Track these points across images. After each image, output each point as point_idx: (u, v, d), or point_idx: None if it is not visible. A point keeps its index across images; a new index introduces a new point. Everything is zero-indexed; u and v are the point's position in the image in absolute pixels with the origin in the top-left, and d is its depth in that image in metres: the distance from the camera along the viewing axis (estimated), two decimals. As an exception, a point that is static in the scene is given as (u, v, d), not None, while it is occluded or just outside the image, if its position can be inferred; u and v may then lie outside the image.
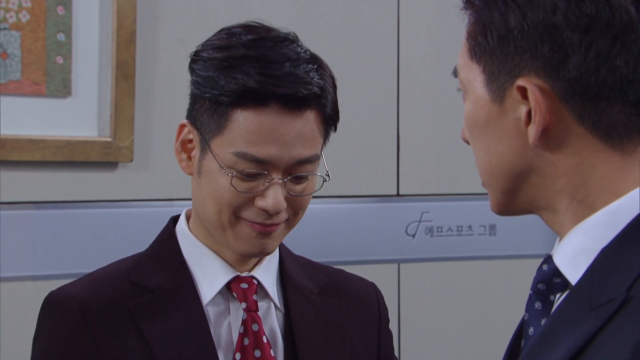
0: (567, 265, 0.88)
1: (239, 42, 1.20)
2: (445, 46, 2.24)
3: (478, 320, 2.30)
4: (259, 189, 1.18)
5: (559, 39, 0.85)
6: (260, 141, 1.16)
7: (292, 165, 1.18)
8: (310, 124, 1.19)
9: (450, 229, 2.26)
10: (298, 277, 1.30)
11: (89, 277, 1.26)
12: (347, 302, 1.31)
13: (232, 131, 1.17)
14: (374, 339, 1.32)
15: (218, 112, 1.18)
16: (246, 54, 1.18)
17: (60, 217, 1.91)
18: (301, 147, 1.18)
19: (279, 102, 1.17)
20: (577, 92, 0.86)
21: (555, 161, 0.88)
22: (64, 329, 1.19)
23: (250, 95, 1.16)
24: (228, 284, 1.23)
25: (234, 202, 1.18)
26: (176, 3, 2.01)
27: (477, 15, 0.89)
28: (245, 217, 1.19)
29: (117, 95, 1.92)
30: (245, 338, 1.21)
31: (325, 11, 2.16)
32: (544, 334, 0.86)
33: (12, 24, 1.86)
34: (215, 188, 1.18)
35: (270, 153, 1.16)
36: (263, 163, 1.17)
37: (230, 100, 1.17)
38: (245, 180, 1.18)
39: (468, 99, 0.93)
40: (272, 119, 1.17)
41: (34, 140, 1.87)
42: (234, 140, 1.17)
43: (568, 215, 0.89)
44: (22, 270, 1.88)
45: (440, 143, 2.25)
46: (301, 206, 1.22)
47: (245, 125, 1.17)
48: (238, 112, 1.17)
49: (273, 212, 1.17)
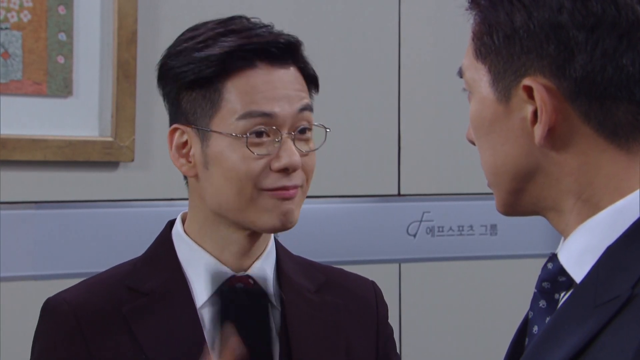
0: (572, 264, 0.89)
1: (208, 27, 1.23)
2: (447, 46, 2.24)
3: (479, 320, 2.30)
4: (272, 151, 1.19)
5: (565, 38, 0.85)
6: (260, 98, 1.19)
7: (296, 117, 1.21)
8: (297, 78, 1.23)
9: (452, 229, 2.26)
10: (295, 275, 1.29)
11: (86, 282, 1.26)
12: (344, 301, 1.31)
13: (229, 102, 1.19)
14: (373, 337, 1.32)
15: (209, 92, 1.20)
16: (219, 31, 1.21)
17: (61, 217, 1.91)
18: (297, 97, 1.21)
19: (265, 60, 1.20)
20: (583, 92, 0.86)
21: (561, 161, 0.88)
22: (58, 334, 1.20)
23: (236, 57, 1.19)
24: (223, 285, 1.22)
25: (253, 172, 1.18)
26: (177, 3, 2.01)
27: (483, 15, 0.89)
28: (266, 186, 1.19)
29: (118, 95, 1.92)
30: None
31: (326, 11, 2.16)
32: (548, 331, 0.86)
33: (14, 24, 1.85)
34: (230, 166, 1.19)
35: (274, 108, 1.19)
36: (270, 117, 1.19)
37: (217, 70, 1.19)
38: (259, 143, 1.19)
39: (474, 99, 0.93)
40: (263, 76, 1.20)
41: (35, 140, 1.87)
42: (235, 109, 1.19)
43: (573, 215, 0.89)
44: (23, 270, 1.88)
45: (441, 143, 2.25)
46: (310, 167, 1.23)
47: (241, 91, 1.19)
48: (229, 83, 1.19)
49: (292, 167, 1.19)
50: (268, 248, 1.27)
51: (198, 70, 1.19)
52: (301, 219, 1.21)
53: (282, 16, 2.13)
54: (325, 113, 2.17)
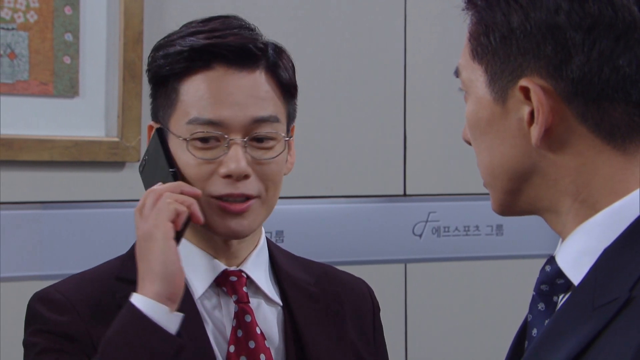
0: (570, 266, 0.89)
1: (189, 25, 1.22)
2: (452, 46, 2.24)
3: (485, 320, 2.30)
4: (219, 156, 1.17)
5: (562, 39, 0.85)
6: (211, 103, 1.16)
7: (249, 126, 1.17)
8: (262, 85, 1.18)
9: (457, 229, 2.26)
10: (292, 270, 1.29)
11: (73, 276, 1.27)
12: (343, 291, 1.31)
13: (183, 102, 1.18)
14: (370, 328, 1.32)
15: (168, 91, 1.19)
16: (191, 30, 1.20)
17: (67, 216, 1.92)
18: (254, 106, 1.17)
19: (223, 62, 1.17)
20: (580, 93, 0.86)
21: (558, 161, 0.88)
22: (58, 317, 1.19)
23: (192, 58, 1.17)
24: (217, 280, 1.23)
25: (199, 175, 1.17)
26: (183, 3, 2.01)
27: (480, 15, 0.89)
28: (213, 193, 1.17)
29: (124, 95, 1.92)
30: (239, 330, 1.21)
31: (332, 11, 2.16)
32: (546, 334, 0.86)
33: (20, 24, 1.86)
34: (183, 169, 1.18)
35: (223, 114, 1.16)
36: (217, 125, 1.16)
37: (173, 69, 1.18)
38: (204, 148, 1.17)
39: (470, 99, 0.93)
40: (219, 80, 1.17)
41: (41, 140, 1.87)
42: (187, 111, 1.18)
43: (570, 216, 0.89)
44: (29, 269, 1.89)
45: (446, 143, 2.25)
46: (270, 177, 1.19)
47: (194, 92, 1.17)
48: (186, 82, 1.18)
49: (236, 173, 1.16)
50: (259, 245, 1.27)
51: (157, 68, 1.20)
52: (306, 219, 1.21)
53: (287, 16, 2.13)
54: (331, 113, 2.18)
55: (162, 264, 1.11)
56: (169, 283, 1.11)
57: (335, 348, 1.26)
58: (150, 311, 1.09)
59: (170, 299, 1.11)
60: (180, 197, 1.15)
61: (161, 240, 1.12)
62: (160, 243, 1.12)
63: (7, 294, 1.87)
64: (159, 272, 1.11)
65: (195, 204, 1.15)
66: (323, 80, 2.15)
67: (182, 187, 1.16)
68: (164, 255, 1.11)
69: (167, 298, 1.10)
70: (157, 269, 1.11)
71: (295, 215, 2.09)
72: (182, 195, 1.15)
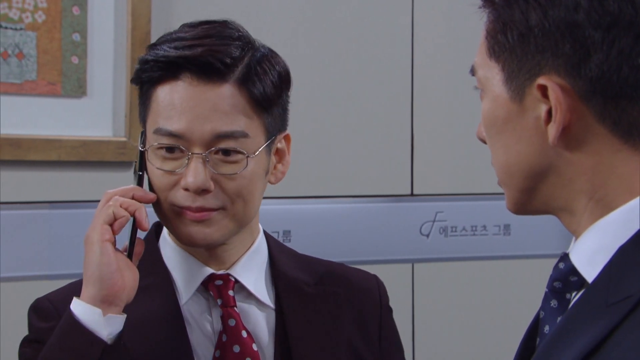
0: (584, 264, 0.88)
1: (178, 29, 1.21)
2: (460, 45, 2.24)
3: (492, 320, 2.30)
4: (181, 169, 1.16)
5: (581, 37, 0.85)
6: (173, 114, 1.16)
7: (211, 140, 1.15)
8: (227, 98, 1.16)
9: (465, 229, 2.26)
10: (290, 270, 1.28)
11: (69, 285, 1.27)
12: (344, 291, 1.30)
13: (153, 110, 1.18)
14: (375, 328, 1.31)
15: (145, 94, 1.20)
16: (174, 36, 1.19)
17: (75, 216, 1.92)
18: (218, 120, 1.15)
19: (190, 74, 1.15)
20: (599, 91, 0.85)
21: (575, 160, 0.88)
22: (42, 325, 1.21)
23: (163, 67, 1.16)
24: (205, 284, 1.23)
25: (162, 185, 1.17)
26: (191, 3, 2.02)
27: (497, 13, 0.89)
28: (175, 202, 1.17)
29: (132, 95, 1.92)
30: (224, 334, 1.20)
31: (340, 11, 2.16)
32: (559, 331, 0.86)
33: (28, 25, 1.86)
34: (150, 175, 1.19)
35: (183, 126, 1.15)
36: (178, 137, 1.15)
37: (145, 77, 1.18)
38: (167, 158, 1.17)
39: (486, 98, 0.93)
40: (184, 91, 1.15)
41: (49, 140, 1.87)
42: (155, 119, 1.18)
43: (585, 215, 0.89)
44: (37, 269, 1.89)
45: (454, 143, 2.25)
46: (236, 191, 1.17)
47: (161, 101, 1.17)
48: (157, 90, 1.18)
49: (193, 187, 1.15)
50: (253, 247, 1.26)
51: (136, 73, 1.20)
52: (313, 219, 1.21)
53: (294, 16, 2.13)
54: (338, 113, 2.18)
55: (96, 267, 1.12)
56: (102, 286, 1.11)
57: (326, 351, 1.25)
58: (82, 314, 1.11)
59: (106, 301, 1.11)
60: (126, 202, 1.15)
61: (95, 243, 1.12)
62: (94, 246, 1.12)
63: (14, 294, 1.87)
64: (92, 275, 1.12)
65: (141, 209, 1.15)
66: (330, 80, 2.14)
67: (134, 191, 1.17)
68: (97, 258, 1.12)
69: (101, 301, 1.11)
70: (91, 272, 1.12)
71: (302, 215, 2.09)
72: (128, 200, 1.15)
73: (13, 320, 1.86)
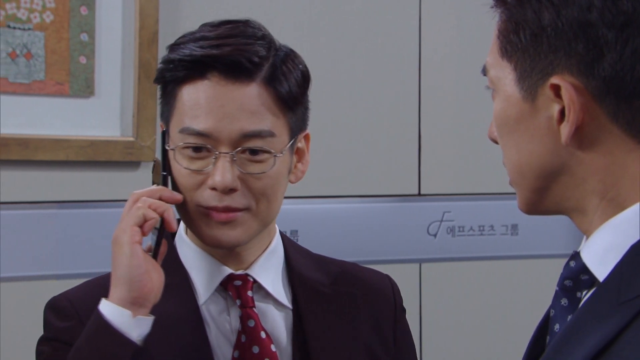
0: (595, 262, 0.88)
1: (202, 28, 1.21)
2: (467, 45, 2.24)
3: (499, 320, 2.30)
4: (208, 168, 1.16)
5: (594, 36, 0.85)
6: (200, 114, 1.15)
7: (238, 139, 1.15)
8: (255, 98, 1.16)
9: (472, 229, 2.26)
10: (307, 271, 1.28)
11: (86, 282, 1.27)
12: (360, 292, 1.30)
13: (179, 109, 1.18)
14: (390, 328, 1.31)
15: (169, 94, 1.19)
16: (198, 35, 1.19)
17: (83, 216, 1.92)
18: (245, 119, 1.15)
19: (217, 73, 1.15)
20: (612, 91, 0.85)
21: (587, 160, 0.88)
22: (60, 324, 1.20)
23: (190, 66, 1.16)
24: (224, 284, 1.22)
25: (188, 185, 1.17)
26: (198, 3, 2.02)
27: (509, 12, 0.89)
28: (201, 203, 1.17)
29: (139, 95, 1.93)
30: (243, 335, 1.20)
31: (347, 10, 2.16)
32: (570, 329, 0.86)
33: (36, 25, 1.87)
34: (176, 177, 1.18)
35: (211, 125, 1.15)
36: (205, 136, 1.15)
37: (171, 76, 1.17)
38: (195, 157, 1.17)
39: (498, 97, 0.92)
40: (211, 91, 1.15)
41: (57, 140, 1.88)
42: (181, 118, 1.17)
43: (597, 215, 0.89)
44: (45, 269, 1.89)
45: (461, 142, 2.25)
46: (261, 190, 1.17)
47: (188, 100, 1.16)
48: (183, 89, 1.17)
49: (221, 187, 1.15)
50: (270, 247, 1.26)
51: (160, 72, 1.20)
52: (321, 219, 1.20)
53: (302, 16, 2.13)
54: (345, 113, 2.18)
55: (126, 269, 1.11)
56: (132, 287, 1.11)
57: (344, 351, 1.25)
58: (111, 316, 1.11)
59: (135, 303, 1.11)
60: (155, 203, 1.14)
61: (126, 245, 1.12)
62: (124, 248, 1.12)
63: (23, 294, 1.87)
64: (122, 277, 1.12)
65: (169, 210, 1.15)
66: (338, 80, 2.14)
67: (161, 192, 1.16)
68: (127, 260, 1.11)
69: (130, 302, 1.11)
70: (120, 274, 1.12)
71: (309, 215, 2.09)
72: (157, 201, 1.15)
73: (21, 319, 1.86)
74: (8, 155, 1.84)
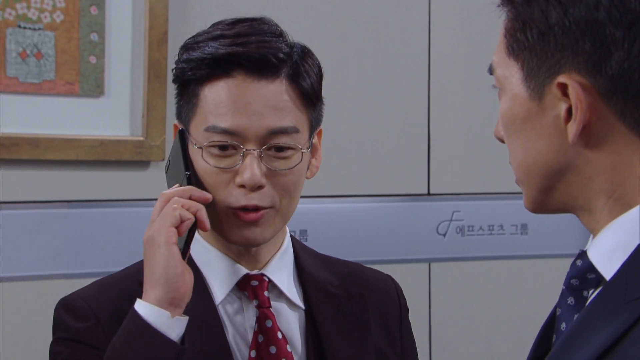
0: (602, 261, 0.88)
1: (216, 27, 1.21)
2: (476, 45, 2.23)
3: (508, 320, 2.29)
4: (235, 166, 1.16)
5: (602, 35, 0.85)
6: (227, 112, 1.15)
7: (265, 136, 1.15)
8: (280, 94, 1.16)
9: (482, 228, 2.25)
10: (316, 271, 1.28)
11: (97, 282, 1.27)
12: (368, 292, 1.30)
13: (202, 108, 1.17)
14: (396, 329, 1.31)
15: (190, 93, 1.19)
16: (215, 34, 1.18)
17: (93, 215, 1.93)
18: (272, 116, 1.15)
19: (243, 70, 1.15)
20: (620, 89, 0.85)
21: (594, 159, 0.88)
22: (78, 325, 1.20)
23: (214, 64, 1.16)
24: (239, 283, 1.22)
25: (215, 184, 1.16)
26: (208, 3, 2.02)
27: (516, 11, 0.89)
28: (231, 203, 1.16)
29: (149, 94, 1.93)
30: (260, 335, 1.20)
31: (356, 10, 2.16)
32: (576, 328, 0.86)
33: (47, 24, 1.87)
34: (200, 174, 1.18)
35: (238, 123, 1.15)
36: (233, 134, 1.15)
37: (195, 74, 1.17)
38: (220, 156, 1.16)
39: (505, 96, 0.92)
40: (237, 88, 1.15)
41: (67, 139, 1.88)
42: (205, 117, 1.17)
43: (604, 214, 0.89)
44: (55, 268, 1.90)
45: (471, 142, 2.25)
46: (286, 187, 1.18)
47: (213, 99, 1.16)
48: (206, 88, 1.17)
49: (250, 184, 1.15)
50: (283, 247, 1.26)
51: (181, 72, 1.19)
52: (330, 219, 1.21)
53: (311, 16, 2.13)
54: (355, 112, 2.18)
55: (163, 270, 1.11)
56: (170, 288, 1.11)
57: (357, 352, 1.25)
58: (151, 317, 1.10)
59: (172, 304, 1.11)
60: (188, 203, 1.14)
61: (163, 245, 1.11)
62: (161, 249, 1.11)
63: (32, 293, 1.88)
64: (159, 278, 1.11)
65: (202, 210, 1.14)
66: (347, 80, 2.15)
67: (191, 191, 1.15)
68: (165, 261, 1.11)
69: (168, 303, 1.11)
70: (157, 275, 1.11)
71: (319, 214, 2.10)
72: (189, 201, 1.14)
73: (31, 319, 1.87)
74: (19, 154, 1.85)
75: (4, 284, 1.86)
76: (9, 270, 1.86)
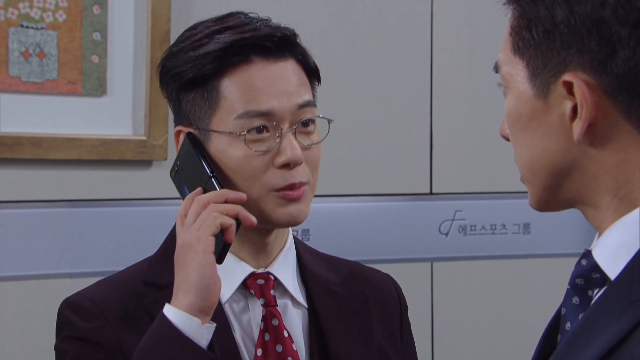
0: (607, 261, 0.88)
1: (205, 26, 1.22)
2: (479, 44, 2.23)
3: (511, 319, 2.29)
4: (273, 147, 1.17)
5: (607, 33, 0.84)
6: (258, 95, 1.17)
7: (296, 112, 1.18)
8: (296, 72, 1.20)
9: (484, 228, 2.25)
10: (318, 270, 1.29)
11: (101, 282, 1.26)
12: (369, 292, 1.31)
13: (227, 100, 1.18)
14: (397, 328, 1.32)
15: (207, 90, 1.19)
16: (214, 29, 1.20)
17: (95, 215, 1.93)
18: (297, 92, 1.19)
19: (261, 54, 1.18)
20: (625, 88, 0.85)
21: (599, 157, 0.88)
22: (87, 324, 1.19)
23: (231, 53, 1.17)
24: (244, 282, 1.22)
25: (256, 170, 1.17)
26: (210, 2, 2.02)
27: (522, 9, 0.89)
28: (273, 187, 1.17)
29: (151, 94, 1.93)
30: (266, 333, 1.20)
31: (359, 9, 2.16)
32: (581, 328, 0.86)
33: (49, 24, 1.87)
34: (234, 166, 1.18)
35: (272, 103, 1.17)
36: (269, 115, 1.17)
37: (213, 67, 1.17)
38: (257, 140, 1.17)
39: (510, 95, 0.92)
40: (260, 72, 1.17)
41: (69, 138, 1.88)
42: (233, 107, 1.17)
43: (609, 212, 0.89)
44: (57, 267, 1.90)
45: (473, 141, 2.25)
46: (315, 161, 1.20)
47: (238, 88, 1.17)
48: (226, 80, 1.18)
49: (293, 162, 1.16)
50: (287, 245, 1.26)
51: (195, 69, 1.19)
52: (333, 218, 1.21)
53: (314, 15, 2.13)
54: (357, 111, 2.18)
55: (199, 277, 1.11)
56: (203, 296, 1.11)
57: (360, 350, 1.25)
58: (182, 324, 1.10)
59: (203, 311, 1.11)
60: (226, 208, 1.14)
61: (201, 253, 1.11)
62: (199, 256, 1.11)
63: (34, 292, 1.88)
64: (194, 285, 1.11)
65: (242, 210, 1.14)
66: (349, 79, 2.15)
67: (226, 195, 1.15)
68: (201, 269, 1.11)
69: (199, 311, 1.10)
70: (192, 281, 1.11)
71: (321, 213, 2.09)
72: (227, 205, 1.14)
73: (33, 319, 1.87)
74: (21, 154, 1.85)
75: (6, 283, 1.86)
76: (10, 270, 1.86)
